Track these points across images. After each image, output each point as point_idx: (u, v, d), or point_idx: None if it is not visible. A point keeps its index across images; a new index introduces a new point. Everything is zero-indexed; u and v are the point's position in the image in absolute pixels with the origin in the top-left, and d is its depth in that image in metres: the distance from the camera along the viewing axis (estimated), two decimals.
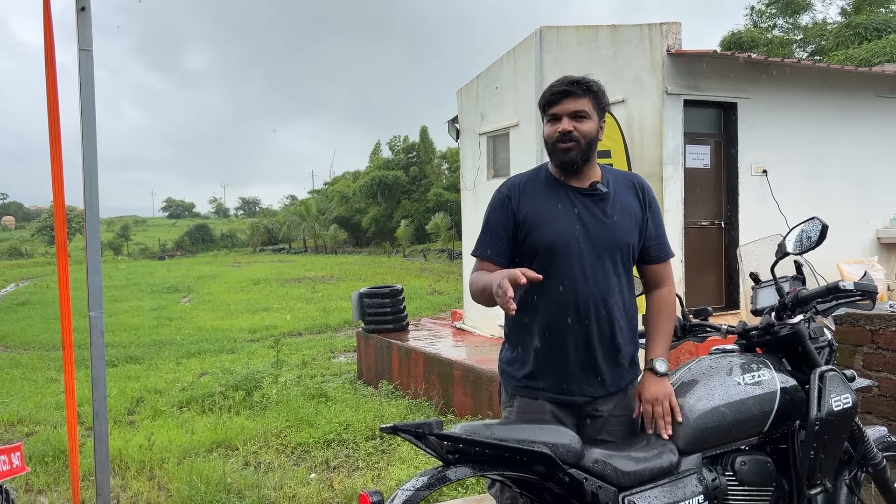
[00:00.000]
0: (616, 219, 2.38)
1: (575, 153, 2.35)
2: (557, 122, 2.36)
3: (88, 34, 3.19)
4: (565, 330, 2.35)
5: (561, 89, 2.36)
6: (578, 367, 2.36)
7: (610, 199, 2.41)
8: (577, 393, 2.37)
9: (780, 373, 2.43)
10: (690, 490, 2.17)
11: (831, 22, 24.42)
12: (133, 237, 62.57)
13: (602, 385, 2.38)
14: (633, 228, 2.40)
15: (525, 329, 2.42)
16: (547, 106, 2.40)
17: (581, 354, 2.36)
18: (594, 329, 2.35)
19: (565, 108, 2.35)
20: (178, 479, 5.41)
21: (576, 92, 2.35)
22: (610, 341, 2.37)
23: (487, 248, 2.42)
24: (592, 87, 2.39)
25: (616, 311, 2.38)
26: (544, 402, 2.38)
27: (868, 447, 2.58)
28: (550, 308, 2.36)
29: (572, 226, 2.35)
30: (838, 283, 2.38)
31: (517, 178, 2.53)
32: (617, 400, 2.41)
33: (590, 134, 2.37)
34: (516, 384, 2.45)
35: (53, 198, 3.61)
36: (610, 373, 2.38)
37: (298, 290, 22.60)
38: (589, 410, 2.39)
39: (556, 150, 2.38)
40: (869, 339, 3.99)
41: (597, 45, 7.87)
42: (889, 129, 8.65)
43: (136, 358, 12.22)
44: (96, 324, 3.32)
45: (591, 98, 2.38)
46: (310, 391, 8.38)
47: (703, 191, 7.56)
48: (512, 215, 2.40)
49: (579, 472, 2.02)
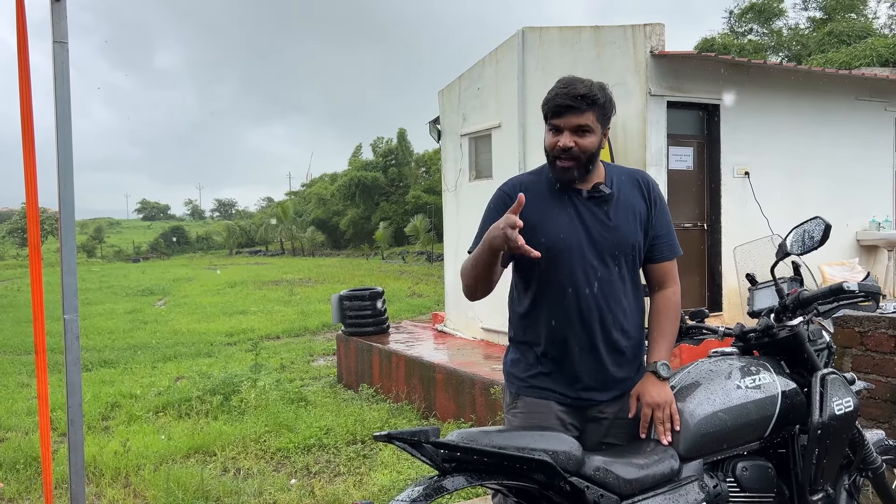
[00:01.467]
0: (620, 220, 2.32)
1: (573, 171, 2.29)
2: (559, 134, 2.28)
3: (63, 26, 3.08)
4: (569, 334, 2.30)
5: (565, 104, 2.25)
6: (584, 371, 2.31)
7: (613, 200, 2.35)
8: (584, 396, 2.33)
9: (780, 376, 2.38)
10: (692, 497, 2.12)
11: (803, 27, 24.74)
12: (107, 239, 61.70)
13: (608, 388, 2.34)
14: (637, 228, 2.35)
15: (530, 333, 2.38)
16: (549, 114, 2.32)
17: (586, 358, 2.31)
18: (598, 332, 2.30)
19: (567, 121, 2.26)
20: (154, 486, 5.28)
21: (580, 107, 2.25)
22: (615, 345, 2.33)
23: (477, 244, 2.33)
24: (598, 100, 2.28)
25: (620, 315, 2.33)
26: (551, 402, 2.32)
27: (868, 451, 2.54)
28: (554, 312, 2.31)
29: (574, 229, 2.29)
30: (842, 285, 2.33)
31: (520, 177, 2.48)
32: (622, 403, 2.36)
33: (591, 148, 2.29)
34: (521, 384, 2.39)
35: (26, 199, 3.48)
36: (616, 376, 2.34)
37: (276, 293, 22.36)
38: (594, 413, 2.35)
39: (555, 165, 2.31)
40: (858, 342, 3.97)
41: (580, 46, 7.83)
42: (868, 132, 8.73)
43: (110, 362, 11.97)
44: (71, 327, 3.19)
45: (595, 111, 2.28)
46: (289, 395, 8.25)
47: (686, 193, 7.56)
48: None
49: (580, 481, 1.95)
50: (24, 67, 3.25)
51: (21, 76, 3.28)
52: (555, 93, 2.29)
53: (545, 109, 2.32)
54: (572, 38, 7.97)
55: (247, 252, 53.41)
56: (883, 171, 8.97)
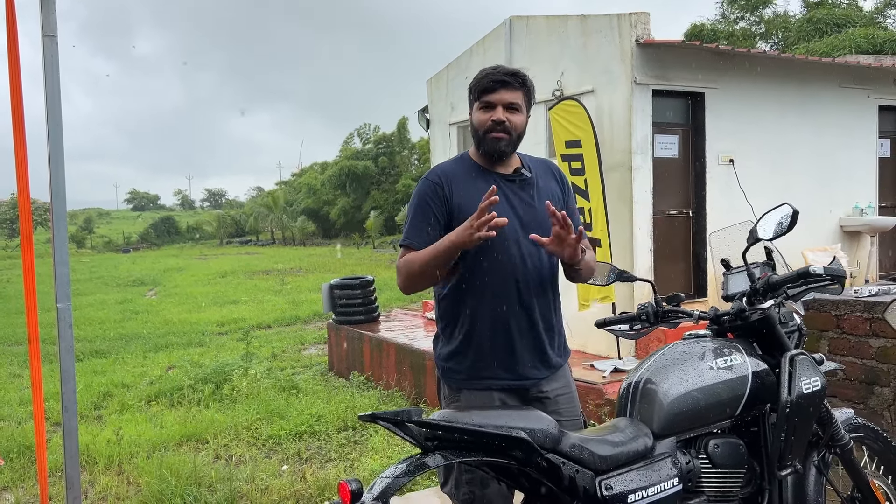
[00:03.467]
0: (542, 203, 2.42)
1: (506, 143, 2.41)
2: (491, 111, 2.39)
3: (52, 20, 3.12)
4: (510, 316, 2.40)
5: (500, 78, 2.39)
6: (525, 351, 2.43)
7: (534, 184, 2.48)
8: (526, 376, 2.44)
9: (751, 357, 2.47)
10: (665, 473, 2.20)
11: (793, 15, 24.83)
12: (97, 230, 61.35)
13: (547, 366, 2.47)
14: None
15: (467, 319, 2.43)
16: (481, 92, 2.40)
17: (527, 338, 2.42)
18: (537, 312, 2.42)
19: (501, 97, 2.39)
20: (147, 473, 5.34)
21: (513, 84, 2.39)
22: (551, 322, 2.47)
23: (419, 236, 2.39)
24: (527, 82, 2.45)
25: (551, 294, 2.48)
26: (492, 392, 2.42)
27: (836, 429, 2.64)
28: (494, 295, 2.40)
29: (506, 212, 2.36)
30: (808, 269, 2.42)
31: (443, 165, 2.58)
32: (560, 380, 2.51)
33: (520, 126, 2.44)
34: (461, 378, 2.47)
35: (18, 191, 3.53)
36: (553, 352, 2.48)
37: (267, 283, 22.40)
38: (535, 393, 2.47)
39: (486, 138, 2.42)
40: (834, 325, 4.08)
41: (566, 35, 7.89)
42: (851, 120, 8.83)
43: (101, 352, 12.00)
44: (64, 316, 3.25)
45: (524, 92, 2.43)
46: (280, 383, 8.32)
47: (671, 180, 7.64)
48: (445, 203, 2.41)
49: (557, 457, 2.04)
50: (15, 60, 3.29)
51: (11, 70, 3.32)
52: (486, 73, 2.43)
53: (476, 88, 2.44)
54: (559, 26, 8.02)
55: (237, 242, 53.29)
56: (866, 158, 9.08)
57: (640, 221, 7.14)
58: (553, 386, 2.49)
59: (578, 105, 7.18)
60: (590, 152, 7.06)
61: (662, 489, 2.17)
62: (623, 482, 2.12)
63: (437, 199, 2.42)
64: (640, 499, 2.12)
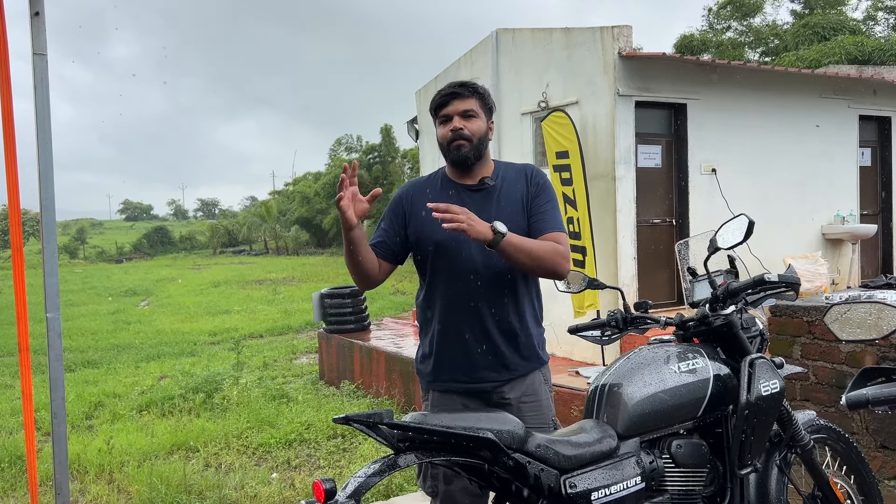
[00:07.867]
0: (503, 211, 2.54)
1: (467, 150, 2.53)
2: (449, 122, 2.54)
3: (42, 39, 3.22)
4: (463, 322, 2.53)
5: (449, 91, 2.55)
6: (480, 355, 2.54)
7: (497, 191, 2.59)
8: (482, 380, 2.55)
9: (713, 361, 2.57)
10: (629, 472, 2.30)
11: (782, 23, 25.09)
12: (90, 240, 61.22)
13: (506, 369, 2.56)
14: (519, 212, 2.57)
15: (429, 325, 2.62)
16: (437, 109, 2.58)
17: (481, 343, 2.54)
18: (489, 318, 2.53)
19: (455, 108, 2.54)
20: (137, 481, 5.41)
21: (463, 94, 2.54)
22: (508, 327, 2.55)
23: (374, 237, 2.64)
24: (479, 90, 2.59)
25: (510, 301, 2.55)
26: (453, 395, 2.56)
27: (797, 430, 2.74)
28: (446, 303, 2.55)
29: None
30: (763, 276, 2.53)
31: (417, 179, 2.77)
32: (524, 386, 2.59)
33: (479, 131, 2.55)
34: (428, 380, 2.64)
35: (9, 203, 3.60)
36: (512, 358, 2.57)
37: (260, 292, 22.42)
38: (496, 399, 2.57)
39: (449, 149, 2.56)
40: (806, 330, 4.19)
41: (551, 47, 8.03)
42: (832, 129, 8.99)
43: (93, 362, 12.05)
44: (53, 325, 3.34)
45: (477, 98, 2.57)
46: (271, 392, 8.40)
47: (654, 189, 7.77)
48: (403, 213, 2.62)
49: (522, 457, 2.13)
50: (5, 76, 3.39)
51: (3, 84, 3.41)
52: (438, 91, 2.60)
53: (432, 107, 2.60)
54: (544, 39, 8.17)
55: (231, 251, 53.23)
56: (847, 167, 9.24)
57: (623, 230, 7.26)
58: (517, 393, 2.58)
59: (566, 116, 7.32)
60: (576, 163, 7.19)
61: (625, 487, 2.26)
62: (586, 480, 2.21)
63: (396, 210, 2.65)
64: (603, 496, 2.21)
